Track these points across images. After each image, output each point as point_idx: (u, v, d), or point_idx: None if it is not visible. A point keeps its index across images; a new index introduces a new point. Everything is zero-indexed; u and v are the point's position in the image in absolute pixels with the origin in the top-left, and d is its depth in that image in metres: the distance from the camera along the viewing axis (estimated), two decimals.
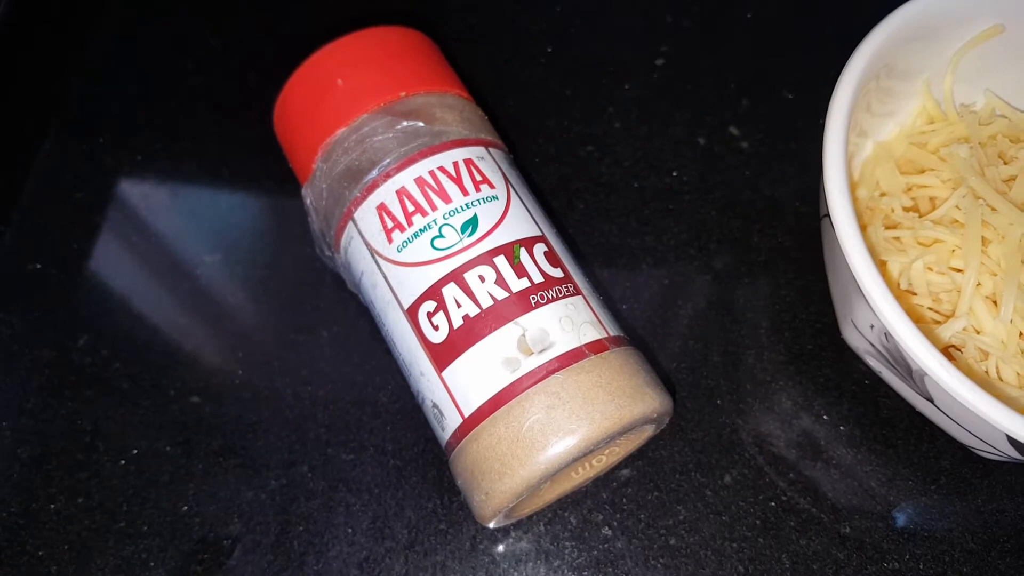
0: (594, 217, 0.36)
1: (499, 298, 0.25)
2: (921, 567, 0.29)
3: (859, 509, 0.30)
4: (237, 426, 0.32)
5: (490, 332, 0.25)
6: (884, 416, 0.32)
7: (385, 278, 0.27)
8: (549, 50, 0.40)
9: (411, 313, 0.26)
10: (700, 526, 0.30)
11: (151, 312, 0.34)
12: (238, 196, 0.37)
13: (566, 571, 0.29)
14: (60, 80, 0.40)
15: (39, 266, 0.35)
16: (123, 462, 0.31)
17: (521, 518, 0.29)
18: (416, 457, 0.31)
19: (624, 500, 0.30)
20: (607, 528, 0.30)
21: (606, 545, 0.30)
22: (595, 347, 0.25)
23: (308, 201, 0.29)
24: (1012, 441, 0.24)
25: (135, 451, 0.31)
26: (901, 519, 0.30)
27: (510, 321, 0.25)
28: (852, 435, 0.32)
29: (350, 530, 0.30)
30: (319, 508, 0.30)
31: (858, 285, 0.25)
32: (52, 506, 0.30)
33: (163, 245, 0.36)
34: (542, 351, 0.25)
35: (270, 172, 0.36)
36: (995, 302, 0.27)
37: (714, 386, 0.32)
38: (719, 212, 0.36)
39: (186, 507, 0.30)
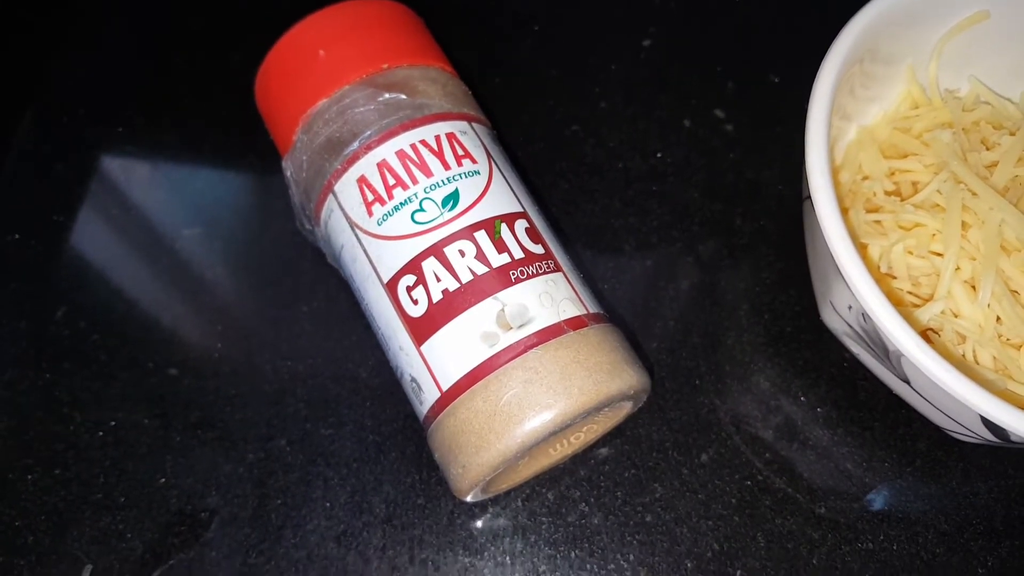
0: (578, 197, 0.36)
1: (479, 273, 0.25)
2: (895, 548, 0.30)
3: (835, 490, 0.31)
4: (215, 399, 0.32)
5: (469, 306, 0.25)
6: (861, 399, 0.32)
7: (365, 251, 0.27)
8: (536, 29, 0.40)
9: (390, 287, 0.26)
10: (676, 504, 0.30)
11: (130, 285, 0.34)
12: (219, 170, 0.37)
13: (543, 546, 0.29)
14: (43, 52, 0.40)
15: (18, 237, 0.35)
16: (100, 434, 0.31)
17: (499, 493, 0.30)
18: (395, 432, 0.31)
19: (601, 477, 0.31)
20: (584, 504, 0.30)
21: (583, 521, 0.30)
22: (574, 323, 0.25)
23: (288, 173, 0.29)
24: (987, 423, 0.24)
25: (112, 423, 0.31)
26: (876, 500, 0.30)
27: (489, 296, 0.25)
28: (829, 417, 0.32)
29: (328, 504, 0.30)
30: (297, 482, 0.30)
31: (837, 265, 0.25)
32: (29, 477, 0.30)
33: (143, 218, 0.35)
34: (521, 326, 0.25)
35: (252, 147, 0.36)
36: (973, 286, 0.27)
37: (693, 367, 0.33)
38: (703, 194, 0.36)
39: (163, 479, 0.30)
